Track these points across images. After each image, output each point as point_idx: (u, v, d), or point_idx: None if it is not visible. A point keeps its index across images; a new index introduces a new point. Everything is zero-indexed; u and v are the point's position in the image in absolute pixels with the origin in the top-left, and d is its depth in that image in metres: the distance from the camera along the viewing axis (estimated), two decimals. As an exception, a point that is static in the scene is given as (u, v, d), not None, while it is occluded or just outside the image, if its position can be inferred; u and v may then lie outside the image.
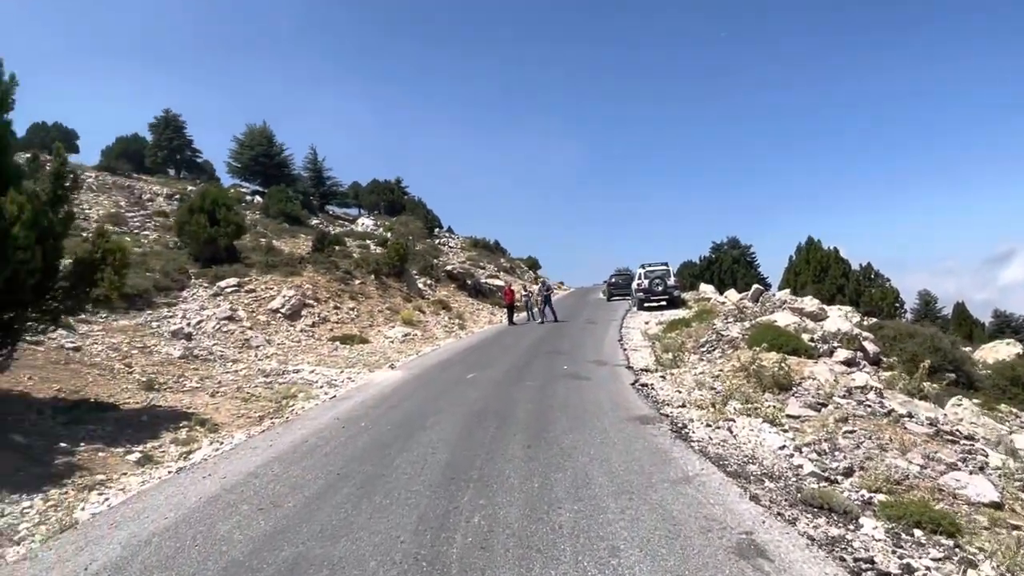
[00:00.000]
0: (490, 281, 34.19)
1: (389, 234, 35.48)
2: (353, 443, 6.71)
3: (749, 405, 7.98)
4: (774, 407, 7.92)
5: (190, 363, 13.50)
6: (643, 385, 9.73)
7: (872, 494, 4.93)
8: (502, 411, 7.92)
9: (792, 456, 5.80)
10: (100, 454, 6.89)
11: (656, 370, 11.49)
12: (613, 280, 33.72)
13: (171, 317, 16.38)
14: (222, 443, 7.49)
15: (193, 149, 49.46)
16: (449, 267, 31.71)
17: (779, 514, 4.25)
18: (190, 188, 34.53)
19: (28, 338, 8.77)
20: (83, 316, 14.72)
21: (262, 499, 4.95)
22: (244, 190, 44.54)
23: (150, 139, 47.26)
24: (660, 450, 5.83)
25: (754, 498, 4.50)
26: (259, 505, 4.80)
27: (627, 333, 18.32)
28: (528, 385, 9.89)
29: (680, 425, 6.91)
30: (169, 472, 6.23)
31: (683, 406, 8.08)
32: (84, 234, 24.01)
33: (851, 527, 4.24)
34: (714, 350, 13.81)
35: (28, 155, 32.38)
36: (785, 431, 6.84)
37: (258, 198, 41.20)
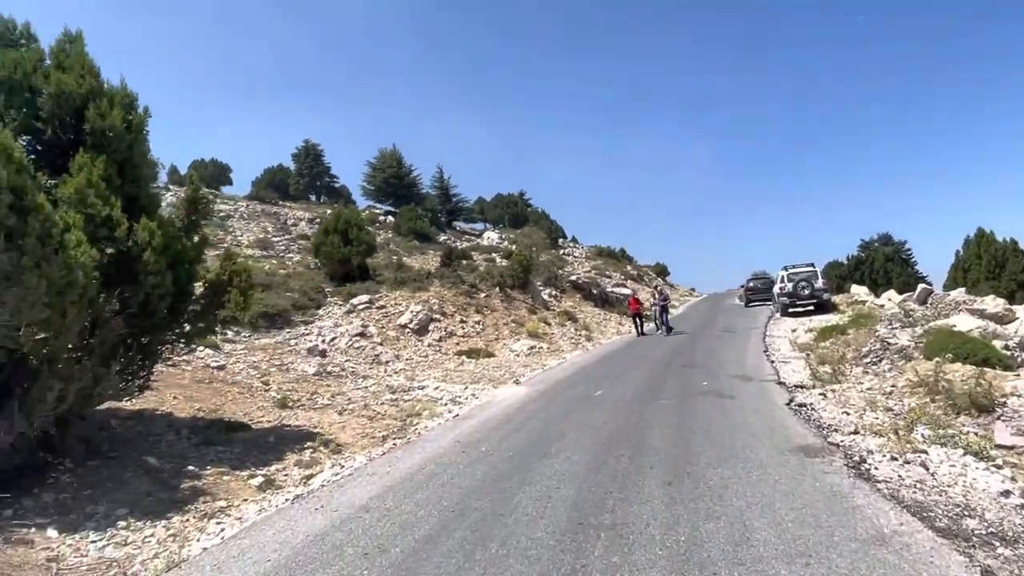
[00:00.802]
0: (617, 290, 33.07)
1: (514, 246, 35.46)
2: (471, 472, 6.15)
3: (942, 432, 6.52)
4: (976, 434, 6.41)
5: (323, 379, 13.74)
6: (800, 405, 8.41)
7: None
8: (635, 436, 7.04)
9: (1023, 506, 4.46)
10: (225, 477, 6.84)
11: (813, 386, 10.03)
12: (751, 284, 31.54)
13: (308, 335, 16.97)
14: (343, 466, 7.23)
15: (331, 175, 52.72)
16: (574, 277, 31.00)
17: (1031, 600, 3.09)
18: (328, 212, 36.50)
19: (165, 360, 9.08)
20: (229, 335, 15.60)
21: (369, 541, 4.47)
22: (377, 211, 46.76)
23: (293, 168, 50.86)
24: (838, 493, 4.70)
25: (987, 574, 3.34)
26: (364, 549, 4.31)
27: (772, 342, 16.62)
28: (663, 404, 8.90)
29: (857, 458, 5.66)
30: (286, 500, 5.98)
31: (856, 432, 6.75)
32: (237, 259, 25.98)
33: None
34: (880, 361, 12.01)
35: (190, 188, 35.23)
36: (999, 468, 5.40)
37: (390, 218, 42.99)
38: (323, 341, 16.56)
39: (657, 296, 22.88)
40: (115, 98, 7.80)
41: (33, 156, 7.57)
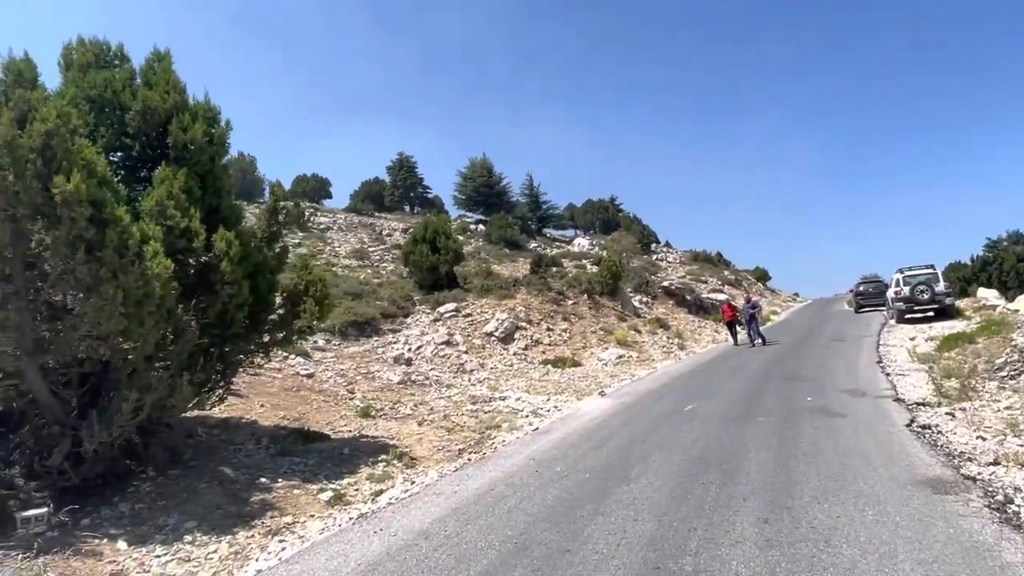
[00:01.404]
0: (712, 296, 31.57)
1: (604, 252, 34.74)
2: (542, 496, 5.67)
3: (1110, 465, 5.39)
4: None
5: (407, 388, 13.71)
6: (924, 427, 7.33)
7: None
8: (727, 460, 6.31)
9: None
10: (295, 491, 6.72)
11: (938, 404, 8.81)
12: (861, 288, 29.26)
13: (394, 343, 17.08)
14: (413, 483, 6.96)
15: (424, 186, 53.95)
16: (666, 283, 29.84)
17: None
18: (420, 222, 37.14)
19: (250, 370, 9.20)
20: (319, 343, 15.94)
21: (421, 574, 4.10)
22: (468, 220, 47.33)
23: (388, 180, 52.42)
24: (979, 544, 3.85)
25: None
26: (415, 584, 3.95)
27: (887, 352, 15.04)
28: (761, 423, 8.05)
29: (1001, 498, 4.69)
30: (350, 519, 5.75)
31: (996, 463, 5.70)
32: (333, 269, 26.89)
33: None
34: (1020, 375, 10.47)
35: (291, 203, 36.97)
36: None
37: (481, 226, 43.38)
38: (409, 349, 16.61)
39: (745, 303, 21.16)
40: (199, 112, 7.97)
41: (124, 171, 7.90)
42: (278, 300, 8.75)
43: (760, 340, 19.21)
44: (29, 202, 5.54)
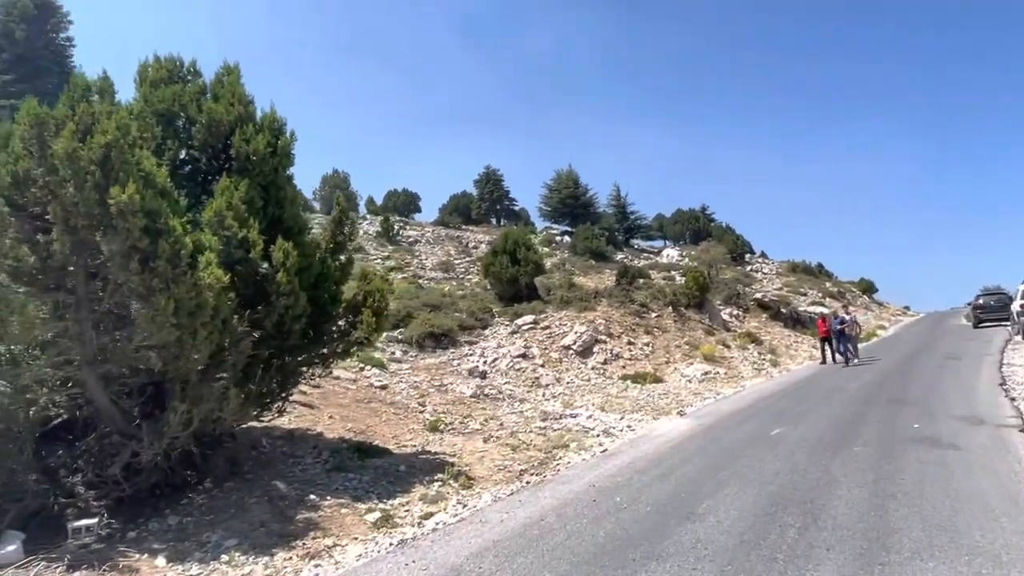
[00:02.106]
0: (811, 309, 29.53)
1: (695, 263, 33.42)
2: (593, 531, 5.11)
3: None
4: None
5: (479, 402, 13.43)
6: (1061, 466, 6.21)
7: None
8: (812, 498, 5.50)
9: None
10: (343, 510, 6.49)
11: (1080, 438, 7.52)
12: (981, 301, 26.67)
13: (470, 355, 16.90)
14: (465, 506, 6.58)
15: (510, 199, 54.40)
16: (759, 295, 28.19)
17: None
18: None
19: (312, 381, 9.17)
20: (396, 354, 16.00)
21: (442, 620, 3.70)
22: (554, 231, 47.15)
23: (475, 194, 53.17)
24: None
25: None
26: (432, 632, 3.54)
27: (1012, 373, 13.27)
28: (856, 454, 7.09)
29: None
30: (390, 545, 5.43)
31: None
32: (419, 281, 27.25)
33: None
34: None
35: (381, 217, 37.93)
36: None
37: (567, 238, 43.06)
38: (484, 362, 16.36)
39: (833, 319, 19.00)
40: (264, 124, 8.03)
41: (191, 183, 8.05)
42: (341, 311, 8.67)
43: (844, 359, 17.51)
44: (87, 213, 5.62)
